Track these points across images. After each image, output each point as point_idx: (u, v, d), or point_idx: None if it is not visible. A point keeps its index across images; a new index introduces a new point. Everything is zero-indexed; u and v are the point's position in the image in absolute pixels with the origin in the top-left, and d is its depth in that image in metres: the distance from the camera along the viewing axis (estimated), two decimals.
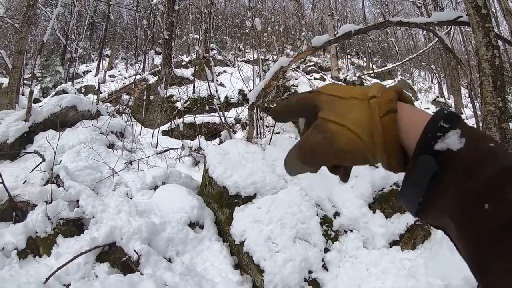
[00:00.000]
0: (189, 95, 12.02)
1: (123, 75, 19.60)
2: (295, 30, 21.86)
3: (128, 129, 8.53)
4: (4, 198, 4.84)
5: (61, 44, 23.39)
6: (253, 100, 5.81)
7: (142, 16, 26.69)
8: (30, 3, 11.55)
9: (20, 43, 11.53)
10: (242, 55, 21.25)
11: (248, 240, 4.16)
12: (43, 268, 4.03)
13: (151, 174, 5.86)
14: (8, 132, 7.24)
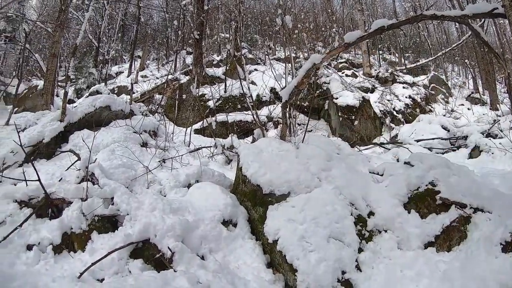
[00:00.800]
0: (221, 94, 12.13)
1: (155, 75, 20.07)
2: (325, 27, 21.65)
3: (161, 128, 8.71)
4: (40, 195, 5.05)
5: (94, 46, 24.25)
6: (286, 98, 5.79)
7: (172, 17, 27.19)
8: (62, 8, 12.03)
9: (54, 47, 12.02)
10: (272, 53, 21.26)
11: (282, 239, 4.13)
12: (77, 263, 4.16)
13: (184, 172, 5.95)
14: (44, 131, 7.58)
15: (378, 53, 25.09)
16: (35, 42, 26.38)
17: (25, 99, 15.79)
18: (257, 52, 21.27)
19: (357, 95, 12.33)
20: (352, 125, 11.60)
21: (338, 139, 8.98)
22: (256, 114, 7.84)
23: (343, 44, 5.49)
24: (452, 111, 14.80)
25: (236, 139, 8.57)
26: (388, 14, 32.22)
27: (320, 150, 5.30)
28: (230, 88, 12.05)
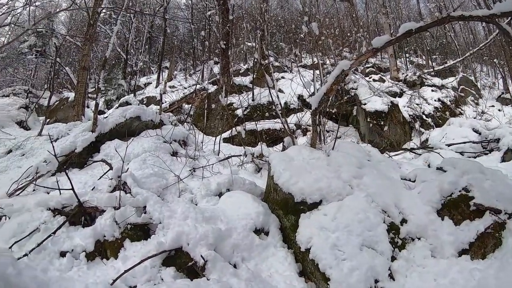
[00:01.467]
0: (249, 103, 12.22)
1: (183, 85, 20.40)
2: (351, 32, 21.56)
3: (191, 137, 8.84)
4: (73, 203, 5.24)
5: (122, 58, 24.92)
6: (315, 106, 5.78)
7: (198, 27, 27.64)
8: (90, 23, 12.44)
9: (84, 60, 12.42)
10: (298, 60, 21.29)
11: (314, 247, 4.11)
12: (110, 270, 4.27)
13: (215, 181, 6.01)
14: (76, 142, 7.84)
15: (405, 56, 24.76)
16: (65, 55, 27.27)
17: (56, 111, 16.35)
18: (283, 59, 21.36)
19: (385, 100, 12.18)
20: (382, 130, 11.45)
21: (368, 145, 8.88)
22: (286, 122, 7.85)
23: (372, 49, 5.46)
24: (482, 113, 14.37)
25: (266, 148, 8.59)
26: (413, 16, 31.80)
27: (351, 157, 5.26)
28: (259, 97, 12.12)
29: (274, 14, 29.93)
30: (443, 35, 27.47)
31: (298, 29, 23.50)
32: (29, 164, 7.94)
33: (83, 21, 25.76)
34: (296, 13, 28.73)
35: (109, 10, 23.65)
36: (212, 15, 20.98)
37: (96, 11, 12.38)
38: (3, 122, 12.14)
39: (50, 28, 21.74)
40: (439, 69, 20.16)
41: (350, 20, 23.76)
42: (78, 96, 12.15)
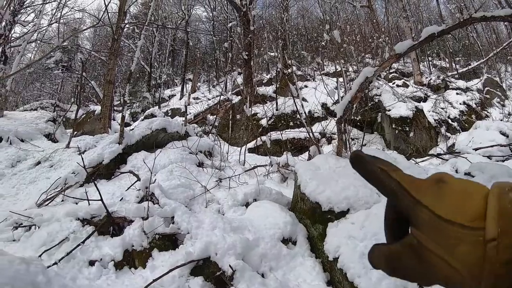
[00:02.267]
0: (273, 112, 12.27)
1: (207, 96, 20.69)
2: (372, 38, 21.45)
3: (216, 148, 8.93)
4: (102, 213, 5.38)
5: (146, 72, 25.44)
6: (340, 114, 5.76)
7: (219, 39, 28.02)
8: (114, 38, 12.80)
9: (109, 74, 12.76)
10: (321, 68, 21.28)
11: (342, 256, 4.06)
12: (138, 279, 4.36)
13: (242, 191, 6.04)
14: (104, 154, 8.03)
15: (428, 60, 24.44)
16: (90, 70, 28.01)
17: (83, 124, 16.80)
18: (306, 68, 21.39)
19: (410, 105, 12.04)
20: (407, 137, 11.29)
21: (394, 152, 8.75)
22: (311, 131, 7.83)
23: (395, 55, 5.42)
24: (509, 115, 14.02)
25: (291, 157, 8.59)
26: (434, 19, 31.43)
27: None
28: (284, 106, 12.16)
29: (294, 23, 30.08)
30: (465, 36, 27.07)
31: (320, 37, 23.52)
32: (57, 176, 8.16)
33: (107, 36, 26.49)
34: (316, 21, 28.79)
35: (132, 25, 24.23)
36: (234, 26, 21.28)
37: (120, 27, 12.70)
38: (32, 135, 12.51)
39: (76, 44, 22.39)
40: (463, 71, 19.89)
41: (370, 26, 23.71)
42: (104, 109, 12.46)
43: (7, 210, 6.81)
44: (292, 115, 12.29)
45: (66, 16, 18.86)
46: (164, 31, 29.37)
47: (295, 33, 29.17)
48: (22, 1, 17.56)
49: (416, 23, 29.83)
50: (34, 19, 20.13)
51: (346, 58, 15.48)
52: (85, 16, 22.99)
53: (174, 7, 30.60)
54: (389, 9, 28.94)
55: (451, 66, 22.77)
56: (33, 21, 19.58)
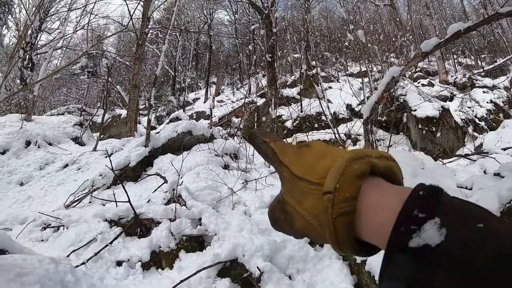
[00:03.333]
0: (297, 114, 12.23)
1: (231, 99, 20.82)
2: (396, 37, 21.14)
3: (241, 150, 8.96)
4: (129, 215, 5.46)
5: (170, 76, 25.79)
6: (367, 115, 5.69)
7: (242, 42, 28.16)
8: (139, 43, 13.03)
9: (134, 78, 13.00)
10: (345, 69, 21.11)
11: (370, 259, 4.00)
12: (165, 280, 4.39)
13: (268, 193, 6.05)
14: (130, 156, 8.17)
15: (453, 58, 23.91)
16: (115, 75, 28.53)
17: (109, 127, 17.15)
18: (329, 69, 21.26)
19: (436, 105, 11.77)
20: (434, 137, 11.04)
21: (421, 153, 8.59)
22: (338, 132, 7.75)
23: (421, 53, 5.32)
24: None
25: None
26: (458, 15, 30.74)
27: (405, 166, 5.10)
28: (309, 108, 12.10)
29: (317, 24, 29.96)
30: (490, 33, 26.38)
31: (343, 37, 23.35)
32: (84, 178, 8.32)
33: (131, 41, 26.95)
34: (338, 22, 28.59)
35: (156, 30, 24.59)
36: (256, 29, 21.35)
37: (144, 32, 12.89)
38: (59, 139, 12.81)
39: (101, 50, 22.85)
40: (489, 69, 19.37)
41: (393, 25, 23.42)
42: (130, 113, 12.66)
43: (36, 211, 7.01)
44: (317, 116, 12.21)
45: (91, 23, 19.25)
46: (187, 36, 29.72)
47: (318, 34, 29.05)
48: (47, 10, 18.06)
49: (440, 20, 29.28)
50: (59, 27, 20.70)
51: (370, 58, 15.32)
52: (109, 23, 23.42)
53: (196, 12, 30.97)
54: (412, 7, 28.52)
55: (476, 64, 22.24)
56: (59, 29, 20.13)
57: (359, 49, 11.20)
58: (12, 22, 24.00)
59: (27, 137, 12.10)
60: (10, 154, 11.27)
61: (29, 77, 17.42)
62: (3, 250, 3.75)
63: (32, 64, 18.47)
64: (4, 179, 9.99)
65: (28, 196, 8.81)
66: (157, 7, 15.63)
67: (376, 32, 22.36)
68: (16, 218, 6.96)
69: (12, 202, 8.60)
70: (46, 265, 3.29)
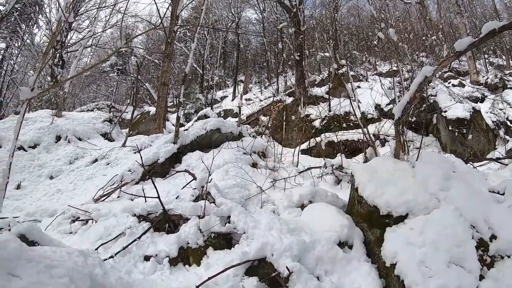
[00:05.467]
0: (326, 114, 12.10)
1: (259, 97, 20.82)
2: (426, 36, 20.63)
3: (269, 149, 8.94)
4: (158, 210, 5.53)
5: (199, 74, 26.01)
6: (398, 115, 5.56)
7: (270, 40, 28.14)
8: (168, 41, 13.15)
9: (163, 76, 13.14)
10: (374, 68, 20.77)
11: (400, 263, 3.94)
12: (192, 276, 4.40)
13: (297, 193, 5.98)
14: (159, 153, 8.28)
15: (484, 58, 23.16)
16: (144, 72, 28.94)
17: (138, 124, 17.46)
18: (358, 68, 20.97)
19: (466, 106, 11.40)
20: (464, 139, 10.71)
21: (451, 155, 8.33)
22: (368, 132, 7.63)
23: (455, 53, 5.15)
24: None
25: (345, 159, 8.43)
26: (489, 13, 29.80)
27: (437, 169, 4.97)
28: (339, 107, 11.95)
29: (345, 22, 29.61)
30: None
31: (373, 35, 23.00)
32: (113, 173, 8.46)
33: (159, 40, 27.28)
34: (367, 20, 28.16)
35: (185, 29, 24.81)
36: (284, 27, 21.27)
37: (173, 30, 13.01)
38: (89, 134, 13.09)
39: (131, 48, 23.23)
40: None
41: (423, 23, 22.91)
42: (159, 110, 12.82)
43: (65, 204, 7.19)
44: (345, 116, 12.05)
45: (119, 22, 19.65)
46: (215, 34, 29.93)
47: (346, 32, 28.72)
48: (77, 9, 18.50)
49: (470, 19, 28.51)
50: (89, 25, 21.19)
51: (400, 58, 15.03)
52: (138, 21, 23.79)
53: (224, 10, 31.11)
54: (441, 4, 27.83)
55: (508, 64, 21.49)
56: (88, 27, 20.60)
57: (388, 48, 10.96)
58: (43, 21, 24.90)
59: (57, 132, 12.41)
60: (40, 148, 11.59)
61: (59, 75, 17.89)
62: (33, 241, 3.83)
63: (63, 62, 18.96)
64: (34, 173, 10.28)
65: (58, 189, 9.02)
66: (185, 6, 15.77)
67: (406, 30, 21.94)
68: (46, 211, 7.14)
69: (42, 195, 8.83)
70: (75, 258, 3.33)
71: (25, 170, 10.32)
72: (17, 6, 23.19)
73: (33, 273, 2.80)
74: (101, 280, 3.35)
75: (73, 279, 2.99)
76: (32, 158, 10.95)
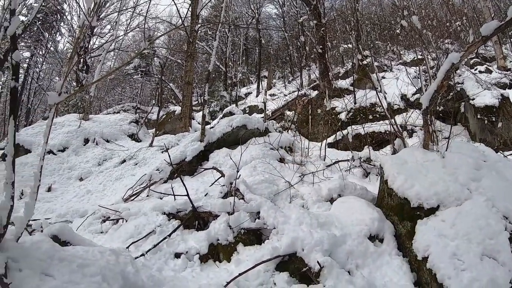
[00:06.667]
0: (351, 106, 11.96)
1: (283, 92, 20.79)
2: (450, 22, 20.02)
3: (296, 144, 8.91)
4: (187, 208, 5.58)
5: (222, 71, 26.14)
6: (426, 104, 5.43)
7: (291, 35, 28.00)
8: (190, 41, 13.28)
9: (187, 75, 13.32)
10: (398, 57, 20.36)
11: (432, 256, 3.87)
12: (222, 272, 4.45)
13: (326, 187, 5.95)
14: (186, 151, 8.39)
15: (510, 42, 22.37)
16: (167, 73, 29.24)
17: (164, 123, 17.71)
18: (381, 58, 20.61)
19: (495, 93, 11.00)
20: (494, 127, 10.35)
21: (481, 145, 8.09)
22: (396, 123, 7.48)
23: (481, 38, 4.97)
24: None
25: (372, 151, 8.32)
26: None
27: (467, 158, 4.84)
28: (364, 98, 11.77)
29: (366, 12, 29.12)
30: None
31: (394, 24, 22.54)
32: (142, 173, 8.60)
33: (180, 40, 27.52)
34: (388, 9, 27.59)
35: (205, 27, 24.98)
36: (305, 20, 21.11)
37: (194, 30, 13.11)
38: (116, 136, 13.34)
39: (153, 49, 23.54)
40: None
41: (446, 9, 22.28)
42: (184, 109, 12.98)
43: (95, 204, 7.35)
44: (371, 107, 11.86)
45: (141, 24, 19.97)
46: (236, 31, 30.01)
47: (368, 22, 28.27)
48: (98, 15, 18.85)
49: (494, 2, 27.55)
50: (110, 30, 21.60)
51: (425, 45, 14.71)
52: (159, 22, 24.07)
53: (243, 7, 31.14)
54: None
55: None
56: (110, 32, 21.01)
57: (412, 36, 10.70)
58: (65, 28, 25.55)
59: (85, 135, 12.71)
60: (69, 151, 11.88)
61: (84, 79, 18.32)
62: (66, 241, 3.91)
63: (87, 66, 19.42)
64: (64, 175, 10.55)
65: (88, 190, 9.23)
66: (205, 5, 15.85)
67: (428, 17, 21.40)
68: (77, 211, 7.32)
69: (72, 196, 9.06)
70: (107, 257, 3.39)
71: (55, 173, 10.60)
72: (39, 16, 23.96)
73: (66, 273, 2.87)
74: (133, 278, 3.41)
75: (105, 278, 3.05)
76: (62, 161, 11.25)
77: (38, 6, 9.95)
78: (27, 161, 10.73)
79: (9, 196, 2.83)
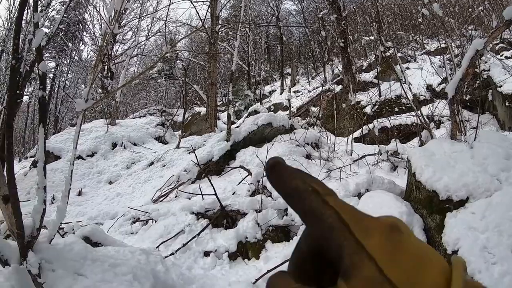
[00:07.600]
0: (376, 99, 11.81)
1: (307, 89, 20.70)
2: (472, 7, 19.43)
3: (322, 139, 8.86)
4: (216, 207, 5.66)
5: (245, 71, 26.21)
6: (452, 94, 5.32)
7: (312, 30, 27.82)
8: (211, 42, 13.37)
9: (211, 76, 13.46)
10: (421, 47, 19.92)
11: (462, 249, 3.79)
12: (251, 269, 4.51)
13: (353, 182, 5.89)
14: (213, 151, 8.49)
15: None
16: (191, 75, 29.50)
17: (190, 125, 17.92)
18: (405, 49, 20.25)
19: None
20: None
21: (511, 133, 7.85)
22: (422, 115, 7.35)
23: (505, 22, 4.83)
24: None
25: (399, 144, 8.20)
26: None
27: (496, 148, 4.70)
28: (389, 91, 11.61)
29: (386, 3, 28.65)
30: None
31: (416, 13, 22.07)
32: (170, 174, 8.72)
33: (202, 42, 27.73)
34: None
35: (226, 28, 25.09)
36: (325, 15, 20.95)
37: (215, 31, 13.19)
38: (143, 139, 13.55)
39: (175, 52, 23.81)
40: None
41: None
42: (209, 110, 13.12)
43: (125, 206, 7.51)
44: (396, 100, 11.69)
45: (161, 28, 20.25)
46: (256, 30, 29.98)
47: (389, 13, 27.81)
48: (119, 22, 19.19)
49: None
50: (132, 36, 21.96)
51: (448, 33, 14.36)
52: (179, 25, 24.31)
53: (262, 5, 31.11)
54: None
55: None
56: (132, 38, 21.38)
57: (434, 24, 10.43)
58: (88, 37, 26.16)
59: (113, 140, 12.95)
60: (98, 156, 12.14)
61: (109, 85, 18.68)
62: (97, 243, 4.03)
63: (111, 73, 19.80)
64: (94, 179, 10.81)
65: (117, 193, 9.44)
66: (224, 6, 15.95)
67: (450, 4, 20.87)
68: (107, 214, 7.52)
69: (102, 199, 9.28)
70: (137, 256, 3.47)
71: (85, 177, 10.86)
72: (61, 27, 24.60)
73: (98, 272, 2.96)
74: (163, 277, 3.48)
75: (136, 276, 3.13)
76: (91, 166, 11.51)
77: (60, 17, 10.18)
78: (57, 167, 11.02)
79: (42, 200, 2.94)
